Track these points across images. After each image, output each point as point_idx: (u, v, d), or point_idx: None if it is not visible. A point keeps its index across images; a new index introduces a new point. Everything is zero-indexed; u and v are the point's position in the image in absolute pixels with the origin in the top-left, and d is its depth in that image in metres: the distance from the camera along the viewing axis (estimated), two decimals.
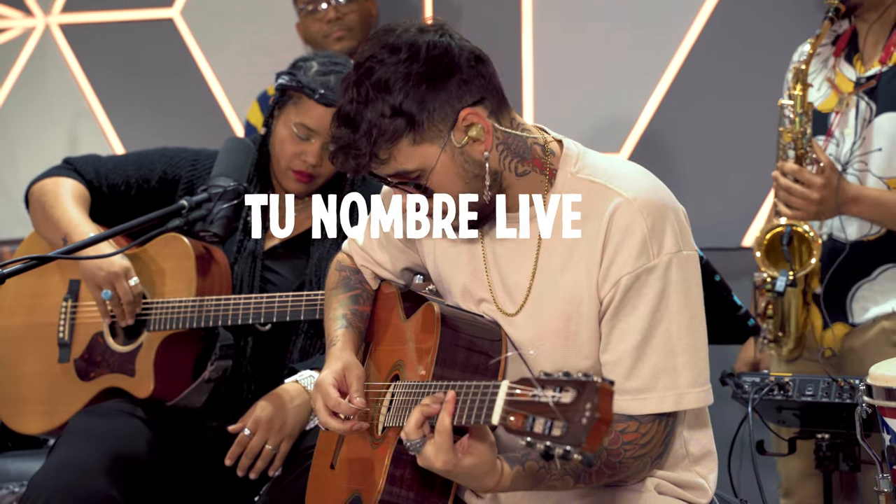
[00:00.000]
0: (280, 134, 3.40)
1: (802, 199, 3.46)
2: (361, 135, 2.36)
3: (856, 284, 3.59)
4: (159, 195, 3.48)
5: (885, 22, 3.61)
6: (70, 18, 5.41)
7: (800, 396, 3.15)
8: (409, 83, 2.35)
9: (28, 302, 3.57)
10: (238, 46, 5.21)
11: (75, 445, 3.18)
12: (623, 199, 2.40)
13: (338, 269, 2.85)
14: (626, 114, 4.68)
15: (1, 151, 5.48)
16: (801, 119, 3.54)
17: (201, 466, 3.31)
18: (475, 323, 2.52)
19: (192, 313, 3.29)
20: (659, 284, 2.39)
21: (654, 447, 2.42)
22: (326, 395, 2.51)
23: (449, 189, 2.43)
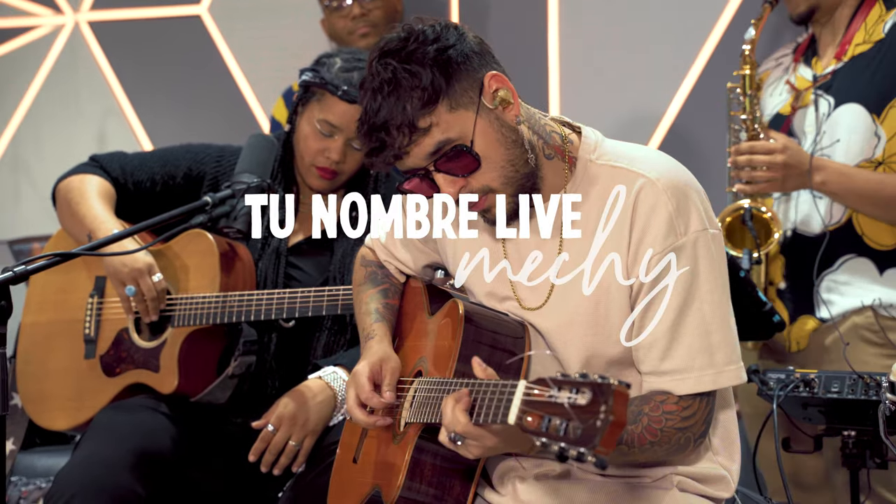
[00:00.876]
0: (303, 130, 3.41)
1: (768, 167, 3.54)
2: (400, 107, 2.36)
3: (820, 276, 3.63)
4: (184, 192, 3.49)
5: (839, 21, 3.72)
6: (99, 16, 5.43)
7: (825, 393, 3.13)
8: (438, 55, 2.38)
9: (55, 298, 3.59)
10: (265, 43, 5.21)
11: (100, 441, 3.20)
12: (647, 179, 2.42)
13: (363, 265, 2.86)
14: (653, 108, 4.67)
15: (31, 148, 5.51)
16: (750, 100, 3.62)
17: (225, 462, 3.32)
18: (499, 321, 2.52)
19: (216, 309, 3.30)
20: (688, 263, 2.40)
21: (696, 423, 2.42)
22: (360, 386, 2.54)
23: (493, 159, 2.42)
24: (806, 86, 3.69)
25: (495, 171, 2.43)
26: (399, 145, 2.39)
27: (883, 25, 3.67)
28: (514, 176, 2.44)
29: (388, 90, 2.37)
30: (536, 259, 2.53)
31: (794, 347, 3.69)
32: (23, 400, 3.59)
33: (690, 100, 4.60)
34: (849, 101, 3.61)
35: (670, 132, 4.64)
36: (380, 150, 2.41)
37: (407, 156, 2.41)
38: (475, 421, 2.22)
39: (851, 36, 3.68)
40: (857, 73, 3.63)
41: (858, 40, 3.67)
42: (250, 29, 5.25)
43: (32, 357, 3.59)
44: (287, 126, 3.49)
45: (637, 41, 4.67)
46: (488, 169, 2.42)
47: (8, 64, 5.53)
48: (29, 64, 5.50)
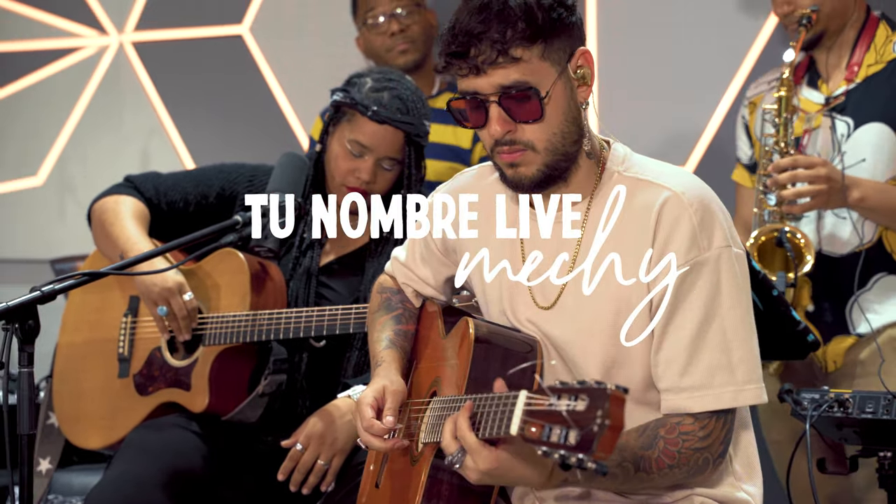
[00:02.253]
0: (334, 150, 3.41)
1: (812, 181, 3.50)
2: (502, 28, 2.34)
3: (852, 296, 3.62)
4: (217, 211, 3.51)
5: (842, 44, 3.74)
6: (143, 36, 5.47)
7: (860, 414, 3.09)
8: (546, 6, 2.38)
9: (91, 318, 3.62)
10: (306, 62, 5.24)
11: (131, 460, 3.21)
12: (672, 192, 2.41)
13: (379, 292, 2.86)
14: (693, 126, 4.64)
15: (76, 168, 5.56)
16: (785, 122, 3.59)
17: (255, 481, 3.33)
18: (510, 337, 2.51)
19: (246, 327, 3.31)
20: (711, 278, 2.38)
21: (714, 443, 2.40)
22: (361, 414, 2.53)
23: (552, 121, 2.41)
24: (815, 108, 3.69)
25: (546, 133, 2.41)
26: (483, 59, 2.37)
27: (893, 45, 3.69)
28: (559, 147, 2.42)
29: (497, 8, 2.36)
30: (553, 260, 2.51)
31: (831, 367, 3.67)
32: (59, 419, 3.62)
33: (729, 118, 4.57)
34: (870, 120, 3.62)
35: (709, 150, 4.61)
36: (459, 56, 2.39)
37: (483, 74, 2.39)
38: (479, 435, 2.21)
39: (861, 57, 3.69)
40: (875, 93, 3.64)
41: (870, 61, 3.69)
42: (291, 48, 5.28)
43: (68, 376, 3.62)
44: (318, 146, 3.49)
45: (676, 58, 4.65)
46: (543, 128, 2.41)
47: (54, 85, 5.59)
48: (74, 85, 5.55)
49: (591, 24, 4.74)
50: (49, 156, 5.59)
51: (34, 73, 5.61)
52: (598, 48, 4.73)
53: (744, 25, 4.55)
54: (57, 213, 5.55)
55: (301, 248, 3.46)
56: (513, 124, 2.41)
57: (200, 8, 5.42)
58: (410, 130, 3.35)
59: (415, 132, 3.36)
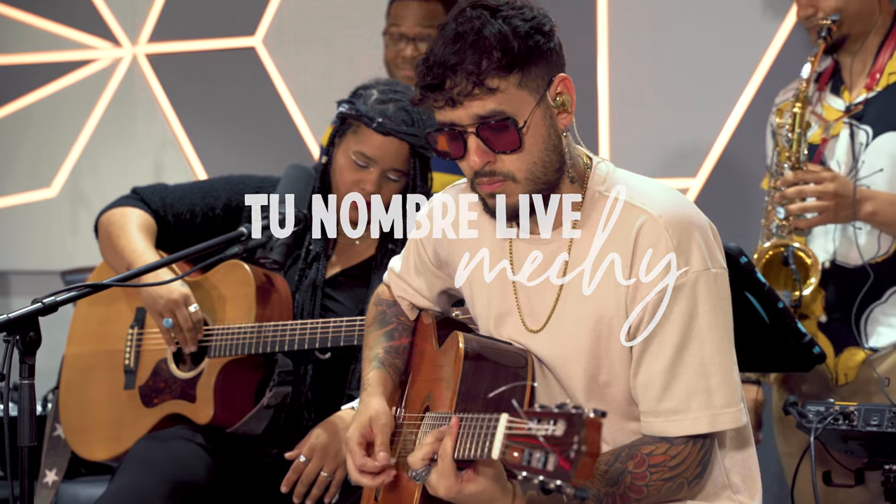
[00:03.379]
0: (339, 162, 3.41)
1: (819, 197, 3.47)
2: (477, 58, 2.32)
3: (867, 309, 3.58)
4: (224, 223, 3.52)
5: (866, 50, 3.67)
6: (156, 48, 5.50)
7: (865, 426, 3.07)
8: (522, 31, 2.36)
9: (98, 330, 3.63)
10: (318, 73, 5.25)
11: (135, 472, 3.21)
12: (648, 216, 2.39)
13: (375, 304, 2.85)
14: (703, 138, 4.63)
15: (90, 181, 5.58)
16: (798, 137, 3.55)
17: (260, 493, 3.33)
18: (500, 351, 2.50)
19: (251, 339, 3.31)
20: (688, 303, 2.37)
21: (687, 468, 2.39)
22: (353, 454, 2.53)
23: (531, 150, 2.39)
24: (836, 116, 3.65)
25: (526, 163, 2.40)
26: (458, 91, 2.34)
27: None
28: (539, 176, 2.41)
29: (472, 38, 2.34)
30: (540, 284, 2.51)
31: (842, 380, 3.63)
32: (65, 430, 3.62)
33: (739, 130, 4.57)
34: (889, 129, 3.56)
35: (719, 162, 4.60)
36: (435, 88, 2.37)
37: (459, 106, 2.37)
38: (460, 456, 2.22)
39: (882, 65, 3.63)
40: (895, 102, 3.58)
41: (892, 69, 3.63)
42: (303, 60, 5.30)
43: (74, 388, 3.62)
44: (324, 157, 3.49)
45: (686, 71, 4.64)
46: (523, 157, 2.39)
47: (68, 96, 5.62)
48: (88, 96, 5.58)
49: (601, 34, 4.73)
50: (63, 167, 5.61)
51: (48, 84, 5.64)
52: (608, 58, 4.72)
53: (756, 35, 4.54)
54: (70, 225, 5.57)
55: (307, 260, 3.46)
56: (492, 155, 2.39)
57: (213, 20, 5.44)
58: (415, 142, 3.35)
59: (420, 144, 3.36)
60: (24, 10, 5.62)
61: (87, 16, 5.55)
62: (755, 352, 3.22)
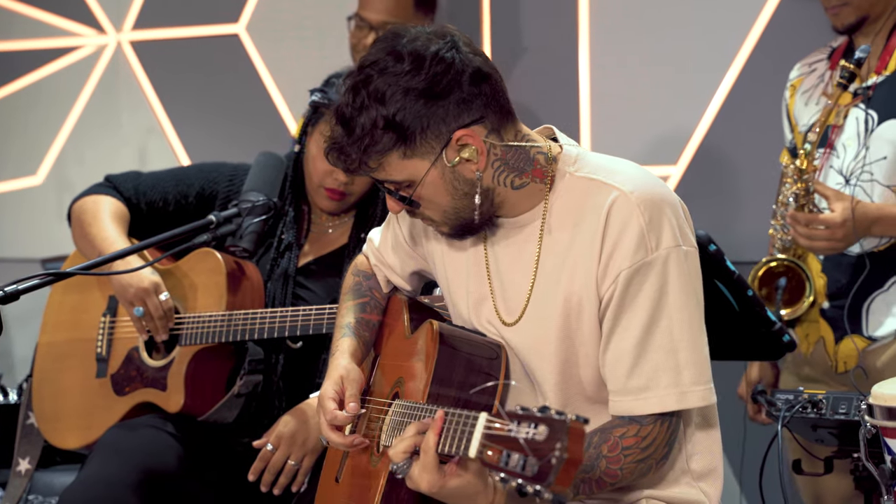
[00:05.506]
0: (312, 151, 3.41)
1: (827, 241, 3.45)
2: (353, 140, 2.37)
3: (870, 296, 3.56)
4: (197, 211, 3.51)
5: (880, 33, 3.60)
6: (140, 35, 5.48)
7: (833, 415, 3.07)
8: (406, 97, 2.34)
9: (71, 318, 3.63)
10: (302, 61, 5.23)
11: (104, 460, 3.21)
12: (620, 192, 2.39)
13: (353, 273, 2.86)
14: (683, 126, 4.62)
15: (74, 169, 5.57)
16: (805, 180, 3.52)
17: (229, 482, 3.33)
18: (474, 342, 2.50)
19: (221, 327, 3.31)
20: (658, 280, 2.37)
21: (657, 449, 2.40)
22: (325, 408, 2.52)
23: (436, 203, 2.43)
24: (846, 100, 3.58)
25: (436, 212, 2.45)
26: (348, 167, 2.42)
27: None
28: (454, 219, 2.46)
29: (349, 118, 2.37)
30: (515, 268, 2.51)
31: (841, 367, 3.61)
32: (37, 419, 3.62)
33: (720, 118, 4.55)
34: (893, 116, 3.52)
35: (700, 150, 4.59)
36: (334, 154, 2.42)
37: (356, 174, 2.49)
38: (440, 450, 2.20)
39: (893, 48, 3.57)
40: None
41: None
42: (287, 48, 5.28)
43: (47, 376, 3.62)
44: (297, 146, 3.49)
45: (666, 60, 4.62)
46: (429, 208, 2.45)
47: (53, 84, 5.61)
48: (72, 84, 5.57)
49: (582, 22, 4.72)
50: (48, 155, 5.61)
51: (33, 72, 5.63)
52: (589, 46, 4.71)
53: (736, 22, 4.52)
54: (56, 213, 5.56)
55: (279, 249, 3.46)
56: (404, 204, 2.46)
57: (197, 7, 5.42)
58: None
59: None
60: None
61: (72, 2, 5.53)
62: (725, 340, 3.19)
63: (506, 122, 2.45)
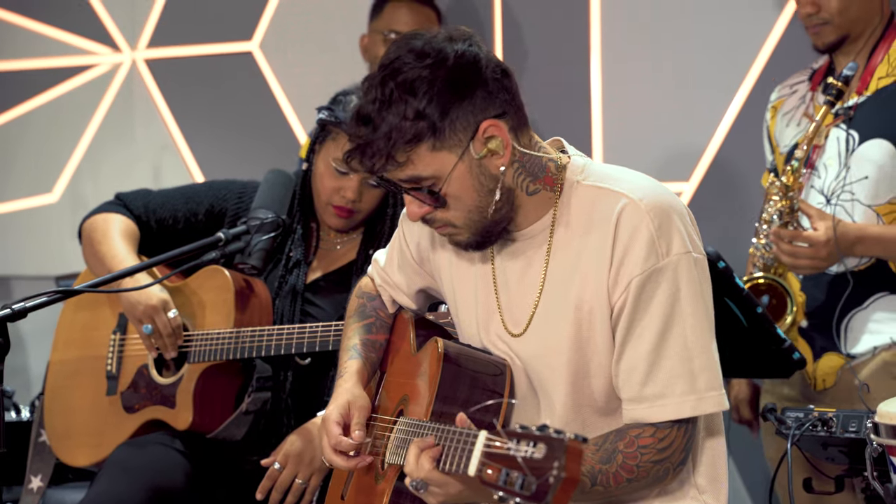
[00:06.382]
0: (319, 169, 3.41)
1: (810, 259, 3.47)
2: (381, 135, 2.34)
3: (848, 314, 3.57)
4: (207, 228, 3.52)
5: (862, 53, 3.63)
6: (155, 53, 5.51)
7: (843, 433, 3.05)
8: (433, 88, 2.34)
9: (81, 336, 3.64)
10: (315, 78, 5.24)
11: (112, 479, 3.22)
12: (629, 200, 2.39)
13: (357, 296, 2.86)
14: (696, 141, 4.61)
15: (89, 186, 5.59)
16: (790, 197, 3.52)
17: (237, 500, 3.33)
18: (478, 360, 2.50)
19: (229, 345, 3.31)
20: (671, 286, 2.37)
21: (674, 453, 2.39)
22: (329, 432, 2.53)
23: (462, 201, 2.41)
24: (828, 119, 3.60)
25: (461, 212, 2.42)
26: (373, 166, 2.38)
27: None
28: (478, 220, 2.44)
29: (377, 112, 2.34)
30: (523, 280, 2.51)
31: (820, 386, 3.62)
32: (49, 436, 3.63)
33: (732, 133, 4.55)
34: (875, 136, 3.53)
35: (713, 166, 4.58)
36: (357, 156, 2.40)
37: (379, 174, 2.41)
38: (441, 468, 2.20)
39: (874, 68, 3.59)
40: (882, 108, 3.55)
41: (881, 73, 3.59)
42: (300, 65, 5.29)
43: (58, 394, 3.63)
44: (305, 164, 3.49)
45: (679, 76, 4.63)
46: (454, 208, 2.42)
47: (68, 102, 5.63)
48: (88, 102, 5.59)
49: (594, 36, 4.72)
50: (64, 172, 5.63)
51: (49, 90, 5.65)
52: (601, 61, 4.71)
53: (749, 37, 4.52)
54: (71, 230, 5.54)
55: (287, 266, 3.46)
56: (427, 207, 2.42)
57: (211, 25, 5.44)
58: None
59: None
60: (23, 15, 5.64)
61: (87, 21, 5.56)
62: (735, 357, 3.19)
63: (523, 126, 2.46)
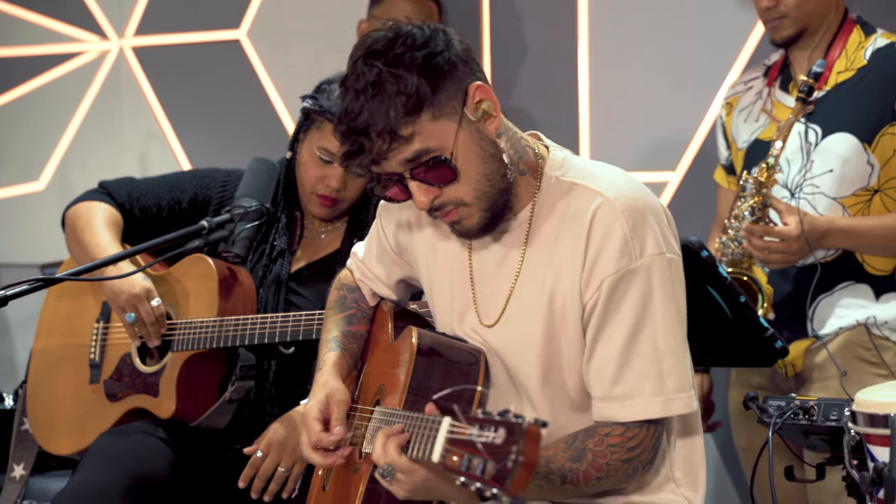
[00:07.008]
0: (304, 157, 3.41)
1: (782, 254, 3.49)
2: (381, 115, 2.31)
3: (816, 300, 3.61)
4: (190, 217, 3.51)
5: (817, 48, 3.66)
6: (142, 41, 5.50)
7: (824, 421, 3.06)
8: (417, 62, 2.33)
9: (65, 324, 3.63)
10: (302, 66, 5.24)
11: (95, 467, 3.21)
12: (604, 199, 2.40)
13: (337, 288, 2.86)
14: (682, 133, 4.62)
15: (77, 174, 5.58)
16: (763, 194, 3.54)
17: (220, 488, 3.32)
18: (453, 348, 2.50)
19: (213, 333, 3.31)
20: (643, 287, 2.37)
21: (643, 452, 2.40)
22: (310, 429, 2.52)
23: (470, 172, 2.38)
24: (787, 113, 3.62)
25: (470, 185, 2.40)
26: (378, 151, 2.34)
27: (863, 52, 3.63)
28: (488, 191, 2.41)
29: (371, 93, 2.32)
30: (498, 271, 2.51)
31: (790, 372, 3.65)
32: (31, 425, 3.63)
33: None
34: (838, 130, 3.57)
35: (699, 156, 4.58)
36: (357, 154, 2.36)
37: (385, 161, 2.37)
38: (409, 455, 2.21)
39: (832, 63, 3.62)
40: (843, 101, 3.58)
41: (840, 67, 3.63)
42: (288, 53, 5.29)
43: (41, 382, 3.63)
44: (289, 153, 3.48)
45: (665, 66, 4.63)
46: (464, 182, 2.39)
47: (55, 90, 5.62)
48: (75, 90, 5.58)
49: (581, 28, 4.72)
50: (51, 160, 5.62)
51: (36, 78, 5.64)
52: (588, 53, 4.71)
53: (734, 27, 4.52)
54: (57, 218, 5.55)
55: (272, 255, 3.46)
56: (436, 189, 2.39)
57: (199, 13, 5.43)
58: None
59: None
60: (10, 2, 5.63)
61: (75, 9, 5.55)
62: (717, 346, 3.20)
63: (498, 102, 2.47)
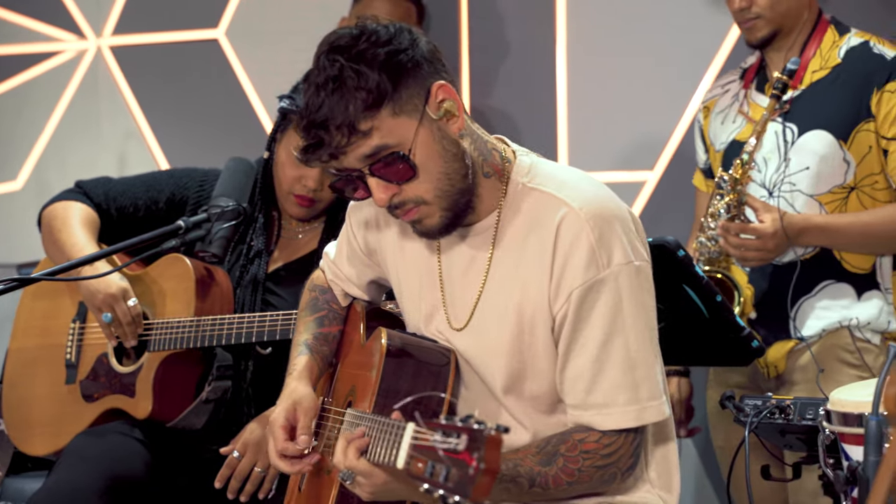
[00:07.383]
0: (280, 158, 3.41)
1: (758, 251, 3.51)
2: (341, 109, 2.30)
3: (797, 302, 3.62)
4: (167, 216, 3.50)
5: (792, 48, 3.69)
6: (120, 41, 5.48)
7: (800, 420, 3.07)
8: (379, 59, 2.32)
9: (41, 324, 3.62)
10: (280, 66, 5.22)
11: (70, 467, 3.20)
12: (569, 208, 2.38)
13: (309, 290, 2.85)
14: (660, 132, 4.62)
15: (55, 173, 5.56)
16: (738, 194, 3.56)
17: (197, 488, 3.32)
18: (423, 349, 2.49)
19: (189, 333, 3.30)
20: (611, 297, 2.36)
21: (621, 458, 2.40)
22: (275, 437, 2.51)
23: (430, 171, 2.37)
24: (762, 113, 3.64)
25: (430, 183, 2.38)
26: (336, 145, 2.33)
27: (838, 51, 3.65)
28: (448, 190, 2.39)
29: (332, 87, 2.31)
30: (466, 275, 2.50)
31: (772, 373, 3.66)
32: (7, 425, 3.61)
33: None
34: (814, 127, 3.59)
35: (676, 155, 4.59)
36: (316, 148, 2.35)
37: (343, 156, 2.35)
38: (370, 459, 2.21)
39: (807, 62, 3.65)
40: (818, 100, 3.60)
41: (815, 66, 3.65)
42: (266, 53, 5.28)
43: (17, 382, 3.61)
44: (266, 153, 3.48)
45: (643, 65, 4.64)
46: (424, 180, 2.37)
47: (32, 89, 5.60)
48: (52, 89, 5.56)
49: (560, 29, 4.72)
50: (27, 161, 5.60)
51: (13, 77, 5.61)
52: (566, 53, 4.71)
53: (711, 28, 4.54)
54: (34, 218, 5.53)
55: (249, 255, 3.45)
56: (395, 187, 2.38)
57: (177, 13, 5.42)
58: None
59: None
60: None
61: (52, 8, 5.53)
62: (693, 346, 3.22)
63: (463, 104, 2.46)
